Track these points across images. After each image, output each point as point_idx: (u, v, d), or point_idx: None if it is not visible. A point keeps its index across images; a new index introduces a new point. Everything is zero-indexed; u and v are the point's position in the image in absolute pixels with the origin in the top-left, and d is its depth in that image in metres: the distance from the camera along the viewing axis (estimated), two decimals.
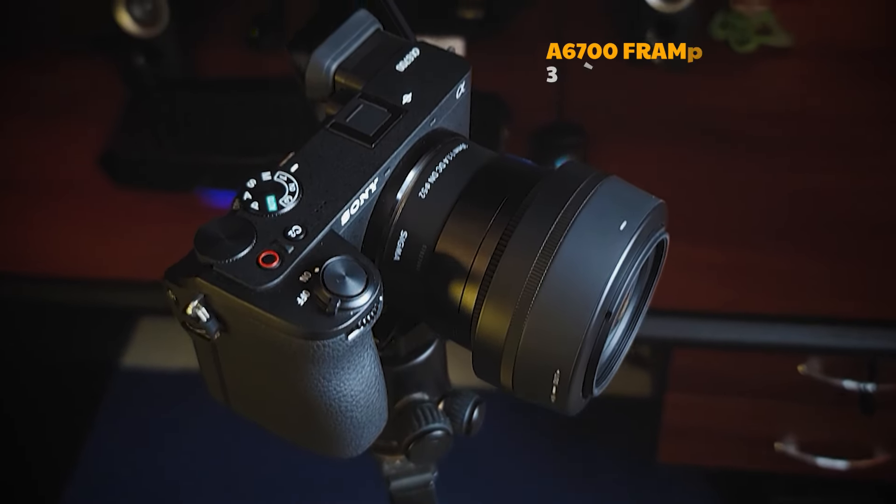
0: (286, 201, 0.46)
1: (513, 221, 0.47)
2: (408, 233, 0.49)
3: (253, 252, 0.44)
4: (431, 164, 0.50)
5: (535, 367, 0.46)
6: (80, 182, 1.34)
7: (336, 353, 0.44)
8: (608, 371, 0.51)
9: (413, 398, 0.59)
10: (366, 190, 0.48)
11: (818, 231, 1.21)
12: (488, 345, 0.47)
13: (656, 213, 0.48)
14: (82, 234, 1.29)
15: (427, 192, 0.49)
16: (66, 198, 1.33)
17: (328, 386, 0.46)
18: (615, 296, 0.45)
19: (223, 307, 0.44)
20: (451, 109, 0.52)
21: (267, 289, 0.43)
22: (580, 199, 0.46)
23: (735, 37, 1.44)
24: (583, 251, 0.45)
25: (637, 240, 0.46)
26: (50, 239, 1.29)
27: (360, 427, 0.48)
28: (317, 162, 0.48)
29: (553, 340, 0.45)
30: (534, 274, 0.45)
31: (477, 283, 0.47)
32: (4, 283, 1.29)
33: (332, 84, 0.52)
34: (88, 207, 1.32)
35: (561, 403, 0.47)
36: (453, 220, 0.49)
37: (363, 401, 0.47)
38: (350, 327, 0.44)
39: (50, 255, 1.27)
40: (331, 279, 0.43)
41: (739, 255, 1.19)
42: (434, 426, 0.58)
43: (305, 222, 0.45)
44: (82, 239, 1.29)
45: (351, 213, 0.47)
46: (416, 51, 0.53)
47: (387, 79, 0.51)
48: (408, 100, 0.51)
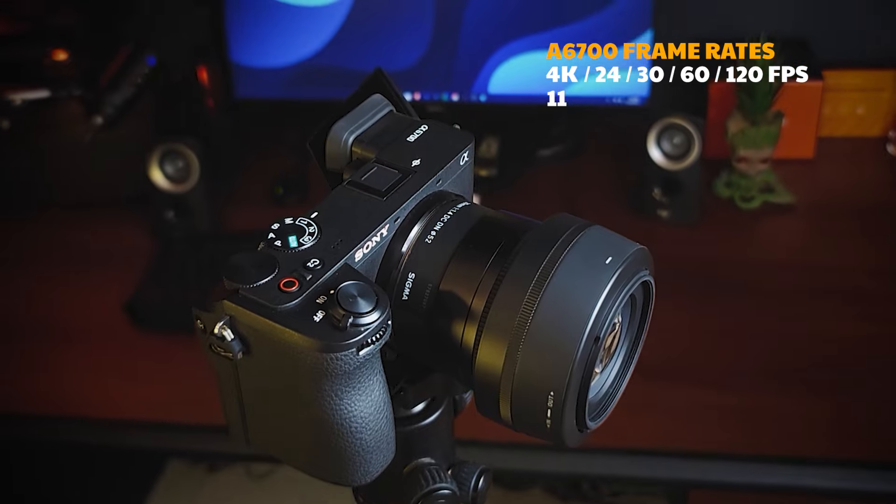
0: (306, 240, 0.51)
1: (507, 262, 0.52)
2: (415, 274, 0.54)
3: (275, 279, 0.49)
4: (437, 216, 0.55)
5: (531, 393, 0.50)
6: (106, 327, 1.40)
7: (347, 367, 0.48)
8: (604, 409, 0.55)
9: (421, 461, 0.62)
10: (378, 233, 0.53)
11: (826, 376, 1.23)
12: (487, 378, 0.51)
13: (640, 254, 0.53)
14: (106, 377, 1.34)
15: (433, 239, 0.55)
16: (91, 343, 1.39)
17: (340, 404, 0.50)
18: (603, 321, 0.50)
19: (247, 327, 0.49)
20: (455, 174, 0.58)
21: (286, 308, 0.48)
22: (568, 240, 0.51)
23: (739, 194, 1.50)
24: (571, 282, 0.50)
25: (622, 273, 0.51)
26: (74, 382, 1.33)
27: (369, 452, 0.52)
28: (334, 210, 0.53)
29: (546, 365, 0.49)
30: (526, 305, 0.50)
31: (476, 321, 0.52)
32: (29, 426, 1.32)
33: (349, 154, 0.58)
34: (113, 352, 1.37)
35: (556, 429, 0.51)
36: (455, 262, 0.54)
37: (372, 424, 0.51)
38: (361, 342, 0.48)
39: (74, 398, 1.31)
40: (344, 298, 0.48)
41: (748, 398, 1.22)
42: (441, 485, 0.61)
43: (323, 257, 0.50)
44: (106, 382, 1.33)
45: (364, 252, 0.52)
46: (425, 126, 0.59)
47: (399, 148, 0.58)
48: (417, 163, 0.57)
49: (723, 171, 1.53)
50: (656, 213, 1.48)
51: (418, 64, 1.48)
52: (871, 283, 1.36)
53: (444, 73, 1.49)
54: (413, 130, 0.59)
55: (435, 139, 0.58)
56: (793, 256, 1.44)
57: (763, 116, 1.45)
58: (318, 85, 1.49)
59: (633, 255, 0.52)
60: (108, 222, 1.57)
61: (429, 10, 1.46)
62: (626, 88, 1.46)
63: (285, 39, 1.50)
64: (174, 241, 1.52)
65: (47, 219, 1.59)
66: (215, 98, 1.57)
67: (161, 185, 1.50)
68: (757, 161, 1.48)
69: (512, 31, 1.45)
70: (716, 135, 1.50)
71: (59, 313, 1.43)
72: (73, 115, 1.49)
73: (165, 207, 1.51)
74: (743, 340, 1.30)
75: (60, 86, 1.48)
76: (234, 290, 0.49)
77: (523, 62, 1.46)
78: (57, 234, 1.57)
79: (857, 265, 1.40)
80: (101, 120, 1.38)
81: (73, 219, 1.58)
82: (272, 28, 1.49)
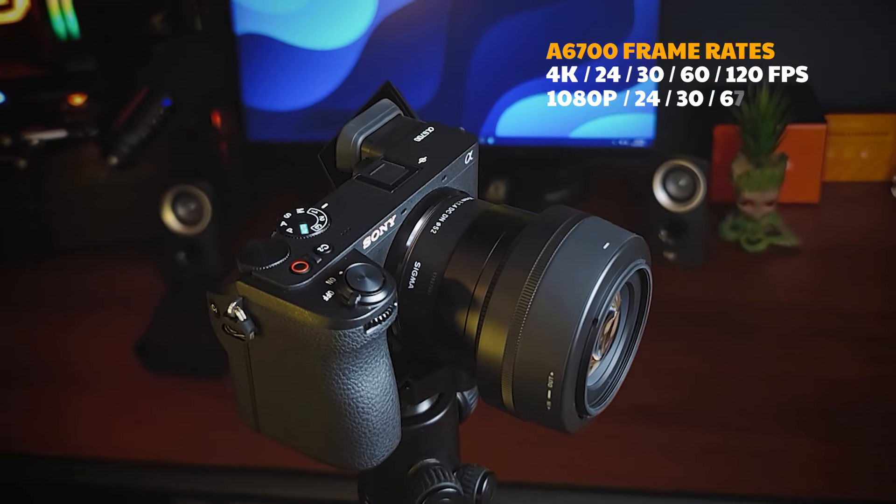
0: (316, 228, 0.54)
1: (508, 251, 0.53)
2: (420, 263, 0.56)
3: (286, 262, 0.51)
4: (442, 208, 0.57)
5: (531, 373, 0.51)
6: (116, 369, 1.42)
7: (355, 344, 0.50)
8: (604, 397, 0.57)
9: (426, 462, 0.63)
10: (385, 223, 0.55)
11: (833, 418, 1.24)
12: (489, 364, 0.53)
13: (637, 242, 0.54)
14: (116, 418, 1.35)
15: (438, 229, 0.57)
16: (101, 384, 1.40)
17: (347, 383, 0.51)
18: (601, 303, 0.51)
19: (259, 307, 0.51)
20: (460, 173, 0.61)
21: (297, 288, 0.50)
22: (566, 229, 0.53)
23: (745, 237, 1.52)
24: (570, 267, 0.52)
25: (620, 257, 0.52)
26: (84, 423, 1.35)
27: (375, 434, 0.53)
28: (343, 201, 0.56)
29: (546, 345, 0.51)
30: (526, 291, 0.52)
31: (478, 309, 0.54)
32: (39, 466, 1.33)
33: (358, 154, 0.61)
34: (123, 393, 1.39)
35: (557, 413, 0.52)
36: (459, 251, 0.56)
37: (378, 405, 0.53)
38: (368, 321, 0.50)
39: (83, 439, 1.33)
40: (352, 278, 0.50)
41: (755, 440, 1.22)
42: (446, 484, 0.62)
43: (333, 242, 0.53)
44: (116, 423, 1.35)
45: (372, 240, 0.54)
46: (431, 128, 0.62)
47: (406, 147, 0.60)
48: (423, 160, 0.59)
49: (728, 215, 1.55)
50: (662, 255, 1.49)
51: (428, 107, 1.51)
52: (877, 326, 1.37)
53: (452, 116, 1.51)
54: (420, 132, 0.61)
55: (441, 139, 0.61)
56: (799, 299, 1.45)
57: (767, 159, 1.47)
58: (329, 128, 1.49)
59: (631, 241, 0.53)
60: (120, 264, 1.59)
61: (438, 54, 1.49)
62: (632, 130, 1.48)
63: (298, 83, 1.53)
64: (185, 283, 1.54)
65: (59, 261, 1.61)
66: (228, 141, 1.59)
67: (173, 227, 1.52)
68: (762, 204, 1.50)
69: (519, 74, 1.48)
70: (721, 179, 1.52)
71: (70, 355, 1.45)
72: (88, 156, 1.52)
73: (177, 249, 1.53)
74: (749, 382, 1.30)
75: (77, 127, 1.51)
76: (247, 272, 0.51)
77: (530, 105, 1.49)
78: (69, 276, 1.59)
79: (864, 308, 1.40)
80: (116, 160, 1.39)
81: (86, 261, 1.60)
82: (285, 72, 1.53)
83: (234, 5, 1.51)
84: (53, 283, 1.59)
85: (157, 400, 1.37)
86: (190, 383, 1.38)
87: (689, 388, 1.29)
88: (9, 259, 1.62)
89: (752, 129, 1.45)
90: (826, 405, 1.25)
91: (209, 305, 0.53)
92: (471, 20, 1.47)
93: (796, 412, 1.25)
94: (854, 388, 1.28)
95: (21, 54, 1.59)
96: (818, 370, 1.30)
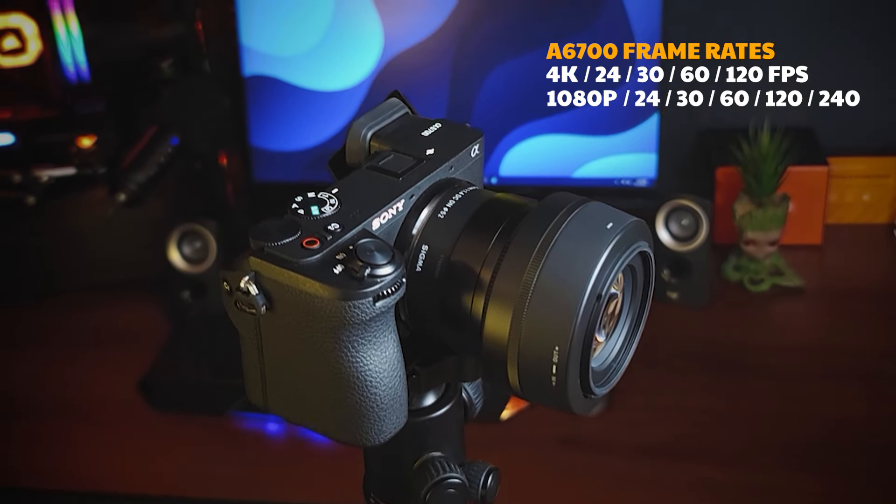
0: (327, 209, 0.55)
1: (512, 233, 0.55)
2: (428, 246, 0.57)
3: (298, 238, 0.53)
4: (449, 195, 0.59)
5: (536, 350, 0.52)
6: (121, 406, 1.42)
7: (364, 316, 0.51)
8: (609, 378, 0.57)
9: (432, 455, 0.63)
10: (394, 206, 0.57)
11: (836, 457, 1.23)
12: (495, 345, 0.54)
13: (640, 225, 0.55)
14: (120, 454, 1.35)
15: (445, 214, 0.58)
16: (106, 421, 1.41)
17: (356, 356, 0.52)
18: (605, 280, 0.52)
19: (270, 281, 0.52)
20: (467, 165, 0.62)
21: (308, 262, 0.51)
22: (570, 211, 0.55)
23: (749, 277, 1.52)
24: (573, 246, 0.53)
25: (623, 237, 0.53)
26: (88, 459, 1.35)
27: (383, 409, 0.54)
28: (353, 187, 0.57)
29: (550, 321, 0.52)
30: (529, 271, 0.53)
31: (483, 291, 0.55)
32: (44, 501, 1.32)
33: (367, 148, 0.62)
34: (128, 430, 1.39)
35: (562, 390, 0.52)
36: (465, 234, 0.57)
37: (386, 380, 0.53)
38: (377, 293, 0.51)
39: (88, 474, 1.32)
40: (362, 252, 0.51)
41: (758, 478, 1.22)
42: (451, 475, 0.62)
43: (343, 222, 0.54)
44: (120, 459, 1.35)
45: (381, 222, 0.56)
46: (438, 124, 0.64)
47: (414, 140, 0.62)
48: (430, 152, 0.61)
49: (731, 255, 1.56)
50: (666, 294, 1.49)
51: None
52: (882, 365, 1.38)
53: None
54: (428, 127, 0.63)
55: (448, 133, 0.62)
56: (803, 339, 1.46)
57: (769, 199, 1.48)
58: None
59: (633, 224, 0.55)
60: (125, 302, 1.61)
61: (442, 95, 1.51)
62: (634, 170, 1.49)
63: (304, 124, 1.55)
64: (189, 322, 1.55)
65: (64, 299, 1.62)
66: (234, 181, 1.61)
67: (178, 266, 1.53)
68: (765, 244, 1.51)
69: (522, 115, 1.49)
70: (724, 221, 1.53)
71: (75, 392, 1.46)
72: (96, 194, 1.54)
73: (182, 288, 1.54)
74: (753, 421, 1.30)
75: (86, 166, 1.53)
76: (259, 248, 0.52)
77: (533, 145, 1.50)
78: (73, 313, 1.60)
79: (868, 348, 1.41)
80: (124, 196, 1.41)
81: (91, 298, 1.61)
82: (291, 113, 1.55)
83: (243, 48, 1.54)
84: (59, 320, 1.60)
85: (161, 436, 1.37)
86: (193, 420, 1.38)
87: (693, 427, 1.29)
88: (11, 297, 1.64)
89: (753, 169, 1.46)
90: (830, 443, 1.25)
91: (221, 284, 0.54)
92: (474, 62, 1.50)
93: (801, 450, 1.25)
94: (858, 427, 1.27)
95: (33, 97, 1.62)
96: (822, 409, 1.30)
